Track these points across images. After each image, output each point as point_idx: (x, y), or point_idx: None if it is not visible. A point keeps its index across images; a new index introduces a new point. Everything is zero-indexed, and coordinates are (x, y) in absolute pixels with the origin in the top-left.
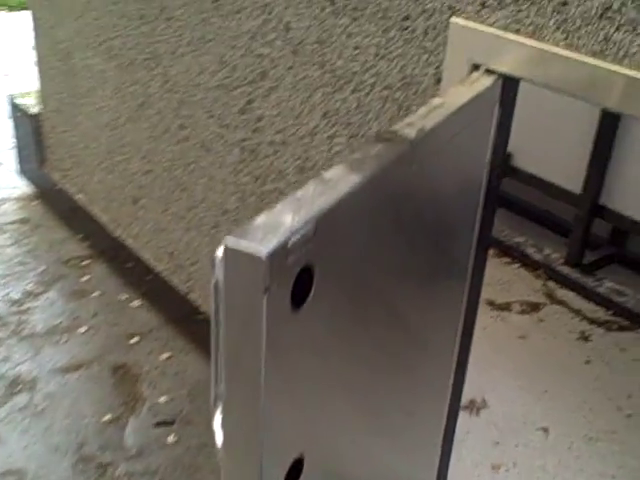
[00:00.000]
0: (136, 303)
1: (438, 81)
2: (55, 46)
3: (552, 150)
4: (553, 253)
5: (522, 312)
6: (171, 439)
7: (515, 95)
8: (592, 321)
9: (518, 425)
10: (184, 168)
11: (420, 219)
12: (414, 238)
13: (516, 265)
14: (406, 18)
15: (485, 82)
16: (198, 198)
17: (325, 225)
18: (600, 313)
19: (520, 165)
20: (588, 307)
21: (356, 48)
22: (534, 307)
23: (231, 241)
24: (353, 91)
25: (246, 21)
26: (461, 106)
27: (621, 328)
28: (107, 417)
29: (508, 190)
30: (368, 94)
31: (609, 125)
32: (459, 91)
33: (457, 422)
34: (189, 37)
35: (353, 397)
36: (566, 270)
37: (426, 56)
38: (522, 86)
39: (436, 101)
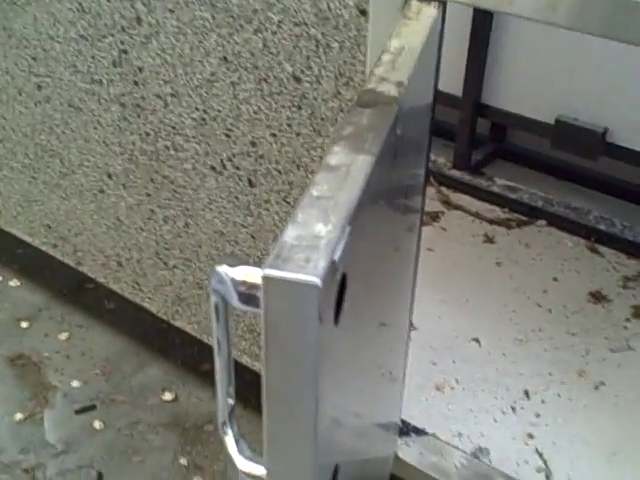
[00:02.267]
0: (14, 283)
1: (363, 12)
2: None
3: None
4: (439, 158)
5: (424, 224)
6: (97, 425)
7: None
8: (492, 221)
9: (451, 341)
10: (50, 132)
11: (399, 176)
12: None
13: None
14: None
15: (430, 13)
16: (74, 163)
17: (356, 226)
18: (498, 212)
19: None
20: (486, 208)
21: None
22: (434, 217)
23: (272, 270)
24: (256, 31)
25: None
26: (422, 48)
27: (520, 224)
28: (19, 416)
29: None
30: (275, 33)
31: (482, 25)
32: (411, 28)
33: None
34: None
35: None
36: (456, 174)
37: None
38: None
39: (395, 43)
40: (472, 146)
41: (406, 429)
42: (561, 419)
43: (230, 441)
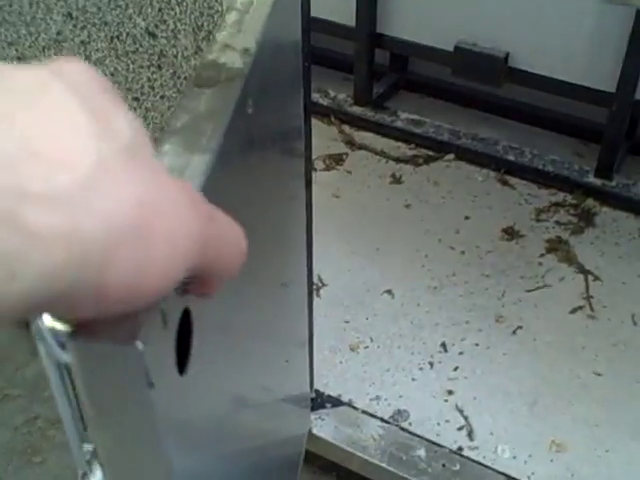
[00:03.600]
0: None
1: None
2: None
3: None
4: (340, 94)
5: (328, 168)
6: None
7: None
8: (398, 159)
9: (362, 295)
10: None
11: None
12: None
13: None
14: None
15: None
16: None
17: None
18: (404, 149)
19: None
20: (391, 145)
21: None
22: (338, 159)
23: (83, 337)
24: None
25: None
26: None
27: (428, 160)
28: None
29: None
30: None
31: None
32: None
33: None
34: None
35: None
36: (358, 110)
37: None
38: None
39: None
40: (372, 79)
41: (320, 400)
42: (480, 370)
43: None
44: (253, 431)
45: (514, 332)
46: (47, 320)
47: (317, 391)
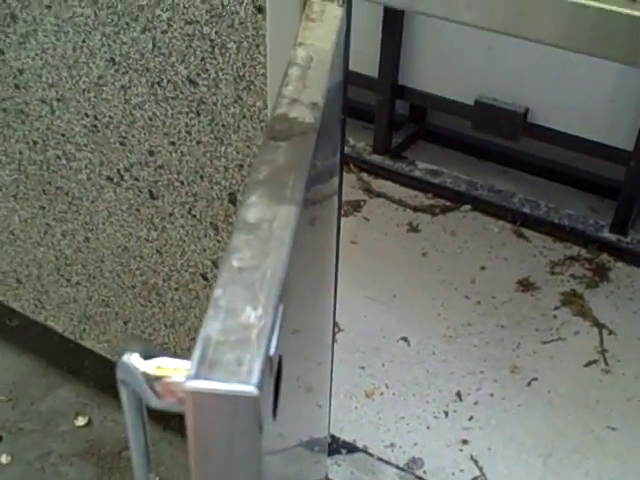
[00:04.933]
0: None
1: (260, 10)
2: None
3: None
4: (359, 142)
5: (346, 214)
6: (4, 459)
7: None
8: (416, 208)
9: (378, 342)
10: None
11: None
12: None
13: None
14: None
15: (335, 12)
16: None
17: (288, 298)
18: (421, 198)
19: None
20: (408, 194)
21: None
22: (356, 206)
23: (198, 382)
24: (144, 30)
25: None
26: (332, 57)
27: (445, 210)
28: None
29: None
30: (166, 32)
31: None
32: (315, 32)
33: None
34: None
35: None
36: (377, 159)
37: None
38: None
39: (301, 53)
40: (392, 128)
41: (336, 445)
42: (495, 420)
43: None
44: (275, 476)
45: (529, 384)
46: (139, 363)
47: (332, 436)
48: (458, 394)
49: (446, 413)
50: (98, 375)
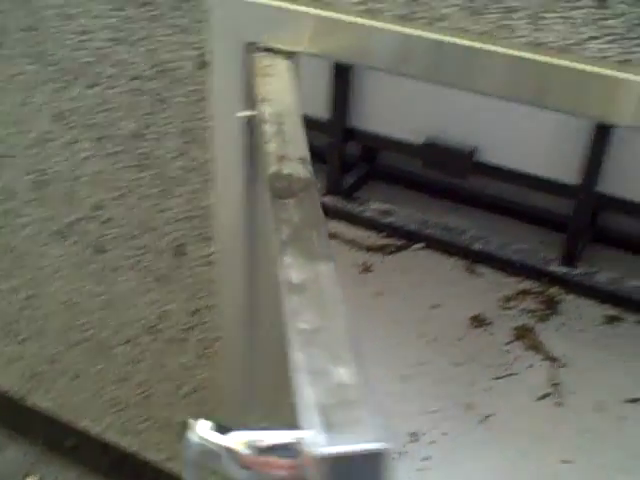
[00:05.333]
0: None
1: (203, 65)
2: None
3: None
4: None
5: None
6: None
7: None
8: (369, 248)
9: None
10: None
11: None
12: None
13: None
14: None
15: (285, 66)
16: None
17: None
18: (374, 238)
19: None
20: (361, 234)
21: (83, 33)
22: None
23: (329, 448)
24: (90, 86)
25: None
26: (298, 109)
27: (397, 249)
28: None
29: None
30: (113, 87)
31: None
32: (274, 87)
33: None
34: None
35: None
36: (330, 200)
37: (181, 36)
38: None
39: (267, 109)
40: (344, 170)
41: None
42: (451, 458)
43: None
44: None
45: (484, 420)
46: (225, 441)
47: None
48: (414, 434)
49: (401, 454)
50: (46, 433)
